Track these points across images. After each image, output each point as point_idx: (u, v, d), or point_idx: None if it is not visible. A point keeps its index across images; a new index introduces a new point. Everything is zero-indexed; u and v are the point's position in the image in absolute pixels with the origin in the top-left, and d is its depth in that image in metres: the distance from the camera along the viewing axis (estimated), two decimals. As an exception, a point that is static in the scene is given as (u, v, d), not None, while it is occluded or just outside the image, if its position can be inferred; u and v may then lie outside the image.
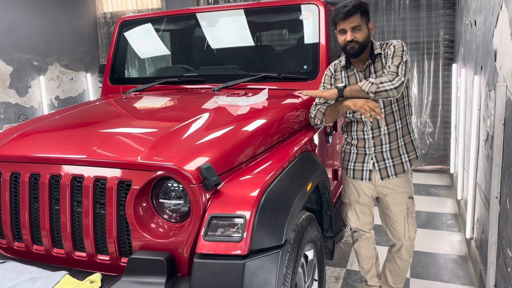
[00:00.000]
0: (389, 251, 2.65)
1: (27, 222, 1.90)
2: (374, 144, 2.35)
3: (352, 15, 2.18)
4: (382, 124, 2.32)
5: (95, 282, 1.66)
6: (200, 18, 3.33)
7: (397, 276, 2.64)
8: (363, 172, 2.41)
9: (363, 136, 2.37)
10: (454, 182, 4.81)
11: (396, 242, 2.54)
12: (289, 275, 1.64)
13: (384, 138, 2.34)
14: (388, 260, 2.67)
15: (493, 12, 2.62)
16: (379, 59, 2.31)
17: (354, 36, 2.19)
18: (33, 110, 5.77)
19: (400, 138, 2.35)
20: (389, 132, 2.33)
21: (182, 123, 2.09)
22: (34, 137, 2.16)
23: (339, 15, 2.19)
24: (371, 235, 2.65)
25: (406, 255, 2.55)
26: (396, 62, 2.17)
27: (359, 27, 2.20)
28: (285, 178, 1.84)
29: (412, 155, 2.39)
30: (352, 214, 2.57)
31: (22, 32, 5.58)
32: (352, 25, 2.19)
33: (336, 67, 2.43)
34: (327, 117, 2.34)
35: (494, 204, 2.30)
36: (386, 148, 2.35)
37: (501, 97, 2.17)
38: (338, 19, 2.21)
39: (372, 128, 2.33)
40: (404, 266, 2.60)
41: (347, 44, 2.22)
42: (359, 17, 2.19)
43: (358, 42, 2.20)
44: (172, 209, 1.75)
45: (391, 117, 2.32)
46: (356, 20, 2.19)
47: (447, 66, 5.53)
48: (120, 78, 3.41)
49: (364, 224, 2.58)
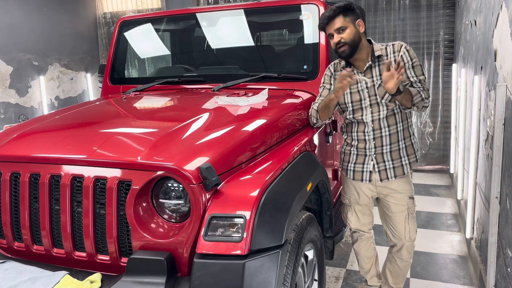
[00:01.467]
0: (389, 251, 2.65)
1: (27, 222, 1.90)
2: (375, 145, 2.35)
3: (333, 18, 2.20)
4: (383, 125, 2.31)
5: (95, 282, 1.66)
6: (200, 18, 3.33)
7: (398, 276, 2.64)
8: (363, 173, 2.41)
9: (364, 137, 2.36)
10: (454, 182, 4.81)
11: (396, 242, 2.54)
12: (289, 275, 1.64)
13: (385, 139, 2.33)
14: (388, 260, 2.67)
15: (493, 12, 2.62)
16: (383, 62, 2.29)
17: (340, 37, 2.20)
18: (33, 110, 5.77)
19: (401, 140, 2.35)
20: (390, 134, 2.33)
21: (182, 123, 2.09)
22: (34, 137, 2.16)
23: (322, 21, 2.24)
24: (370, 235, 2.65)
25: (406, 255, 2.55)
26: (421, 77, 2.27)
27: (343, 28, 2.20)
28: (285, 178, 1.84)
29: (412, 158, 2.39)
30: (352, 215, 2.57)
31: (22, 32, 5.58)
32: (336, 27, 2.21)
33: (336, 66, 2.43)
34: (320, 114, 2.37)
35: (494, 204, 2.30)
36: (386, 149, 2.34)
37: (501, 97, 2.17)
38: (322, 25, 2.25)
39: (373, 129, 2.33)
40: (405, 266, 2.60)
41: (337, 47, 2.24)
42: (342, 18, 2.20)
43: (346, 43, 2.21)
44: (172, 209, 1.75)
45: (392, 118, 2.32)
46: (339, 21, 2.20)
47: (447, 66, 5.53)
48: (120, 78, 3.41)
49: (363, 225, 2.58)
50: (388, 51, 2.31)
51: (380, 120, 2.31)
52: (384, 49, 2.32)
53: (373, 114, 2.31)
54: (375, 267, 2.73)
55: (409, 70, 2.27)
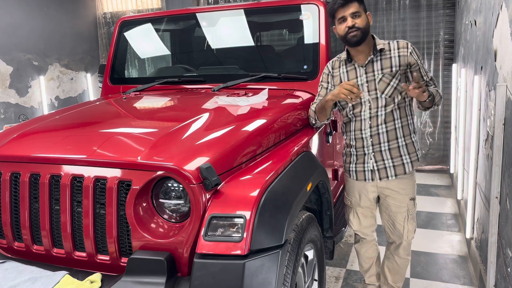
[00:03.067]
0: (387, 248, 2.65)
1: (27, 222, 1.90)
2: (372, 143, 2.33)
3: (350, 1, 2.18)
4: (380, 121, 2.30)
5: (95, 282, 1.66)
6: (200, 18, 3.33)
7: (396, 273, 2.63)
8: (365, 172, 2.39)
9: (361, 135, 2.35)
10: (454, 182, 4.81)
11: (395, 240, 2.54)
12: (289, 275, 1.64)
13: (382, 136, 2.31)
14: (386, 258, 2.67)
15: (493, 12, 2.62)
16: (386, 56, 2.28)
17: (354, 22, 2.18)
18: (33, 110, 5.77)
19: (401, 138, 2.33)
20: (387, 131, 2.31)
21: (182, 123, 2.09)
22: (34, 137, 2.15)
23: (338, 2, 2.19)
24: (373, 238, 2.64)
25: (403, 253, 2.56)
26: (429, 74, 2.33)
27: (358, 13, 2.19)
28: (285, 178, 1.84)
29: (413, 157, 2.37)
30: (354, 217, 2.55)
31: (22, 32, 5.58)
32: (352, 10, 2.18)
33: (333, 64, 2.41)
34: (318, 115, 2.37)
35: (494, 204, 2.30)
36: (385, 147, 2.32)
37: (501, 97, 2.17)
38: (337, 6, 2.19)
39: (370, 126, 2.31)
40: (403, 263, 2.60)
41: (348, 32, 2.19)
42: (357, 4, 2.19)
43: (359, 28, 2.18)
44: (172, 209, 1.75)
45: (390, 115, 2.30)
46: (355, 6, 2.18)
47: (447, 66, 5.53)
48: (120, 78, 3.41)
49: (365, 227, 2.56)
50: (391, 46, 2.30)
51: (378, 117, 2.29)
52: (387, 44, 2.31)
53: (371, 110, 2.30)
54: (375, 267, 2.73)
55: (422, 68, 2.28)
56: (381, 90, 2.27)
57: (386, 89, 2.26)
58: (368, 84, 2.29)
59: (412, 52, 2.27)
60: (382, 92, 2.27)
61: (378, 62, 2.29)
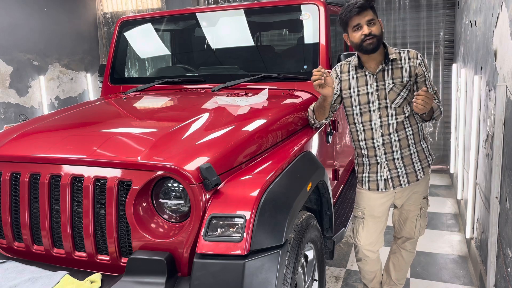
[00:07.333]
0: (394, 242, 2.64)
1: (27, 222, 1.90)
2: (384, 151, 2.29)
3: (366, 9, 2.15)
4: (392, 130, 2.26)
5: (95, 282, 1.66)
6: (200, 18, 3.33)
7: (400, 269, 2.63)
8: (378, 182, 2.34)
9: (373, 144, 2.30)
10: (454, 182, 4.81)
11: (404, 235, 2.54)
12: (289, 275, 1.64)
13: (395, 145, 2.28)
14: (392, 252, 2.66)
15: (493, 12, 2.62)
16: (397, 66, 2.25)
17: (370, 29, 2.15)
18: (33, 110, 5.76)
19: (412, 145, 2.30)
20: (399, 139, 2.28)
21: (182, 123, 2.09)
22: (34, 137, 2.15)
23: (353, 9, 2.14)
24: (376, 256, 2.56)
25: (410, 246, 2.58)
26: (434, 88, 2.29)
27: (374, 21, 2.17)
28: (285, 178, 1.84)
29: (424, 163, 2.35)
30: (363, 229, 2.44)
31: (22, 32, 5.57)
32: (368, 18, 2.15)
33: (342, 68, 2.36)
34: (316, 114, 2.37)
35: (494, 204, 2.30)
36: (397, 155, 2.29)
37: (501, 97, 2.17)
38: (353, 14, 2.15)
39: (382, 134, 2.27)
40: (408, 257, 2.60)
41: (364, 40, 2.15)
42: (371, 11, 2.17)
43: (375, 36, 2.15)
44: (172, 209, 1.75)
45: (401, 124, 2.27)
46: (370, 14, 2.16)
47: (447, 66, 5.53)
48: (120, 78, 3.41)
49: (373, 244, 2.46)
50: (402, 56, 2.26)
51: (389, 125, 2.26)
52: (398, 53, 2.27)
53: (382, 119, 2.26)
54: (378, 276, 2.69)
55: (427, 80, 2.26)
56: (391, 100, 2.24)
57: (396, 99, 2.23)
58: (378, 93, 2.26)
59: (421, 63, 2.25)
60: (392, 102, 2.24)
61: (389, 72, 2.25)
